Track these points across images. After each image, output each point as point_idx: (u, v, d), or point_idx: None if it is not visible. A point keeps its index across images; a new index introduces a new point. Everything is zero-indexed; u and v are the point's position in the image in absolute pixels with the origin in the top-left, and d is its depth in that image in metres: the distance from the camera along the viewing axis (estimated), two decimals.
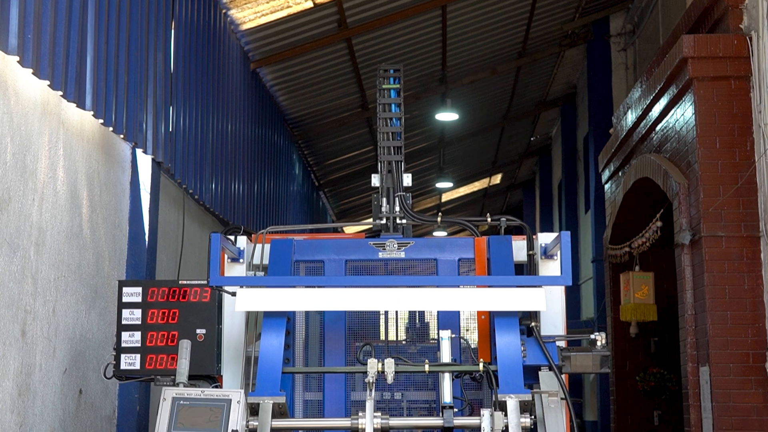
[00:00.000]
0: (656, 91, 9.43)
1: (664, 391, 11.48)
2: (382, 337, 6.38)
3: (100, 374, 7.77)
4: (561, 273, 5.61)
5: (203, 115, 10.63)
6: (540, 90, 20.64)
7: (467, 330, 6.25)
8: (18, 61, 5.90)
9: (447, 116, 17.64)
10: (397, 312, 6.42)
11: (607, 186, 12.67)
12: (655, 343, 11.75)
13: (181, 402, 4.96)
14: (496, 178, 28.20)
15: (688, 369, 8.56)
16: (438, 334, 5.74)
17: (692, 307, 8.56)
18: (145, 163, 8.64)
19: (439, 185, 24.13)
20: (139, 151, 8.48)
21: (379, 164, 6.29)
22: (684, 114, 8.83)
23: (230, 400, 4.97)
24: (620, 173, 11.67)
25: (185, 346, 5.33)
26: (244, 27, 12.47)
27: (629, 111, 10.95)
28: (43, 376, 6.62)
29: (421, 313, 6.65)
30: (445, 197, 27.66)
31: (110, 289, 7.85)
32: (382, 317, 6.35)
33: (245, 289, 5.59)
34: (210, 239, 5.62)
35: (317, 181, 20.54)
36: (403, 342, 6.46)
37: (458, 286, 5.72)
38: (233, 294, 5.72)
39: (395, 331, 6.39)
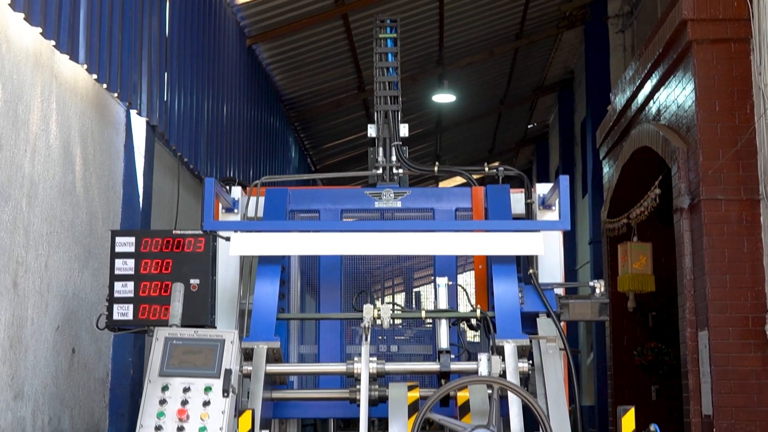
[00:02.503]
0: (655, 57, 9.37)
1: (661, 365, 11.42)
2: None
3: (93, 335, 7.70)
4: (560, 218, 5.54)
5: (198, 88, 10.54)
6: (537, 75, 20.57)
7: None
8: (9, 4, 5.82)
9: (444, 98, 17.56)
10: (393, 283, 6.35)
11: (604, 162, 12.61)
12: (653, 317, 11.69)
13: (174, 342, 4.90)
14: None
15: (687, 334, 8.50)
16: (435, 282, 5.66)
17: (691, 271, 8.50)
18: (139, 126, 8.56)
19: None
20: (133, 114, 8.39)
21: (375, 114, 6.23)
22: (683, 78, 8.77)
23: (224, 340, 4.90)
24: (618, 147, 11.61)
25: (178, 290, 5.27)
26: (240, 1, 12.39)
27: (627, 86, 10.89)
28: (35, 330, 6.54)
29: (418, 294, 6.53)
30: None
31: (104, 250, 7.75)
32: (378, 272, 6.27)
33: (240, 234, 5.52)
34: (204, 183, 5.55)
35: (313, 166, 20.45)
36: (400, 326, 6.37)
37: (455, 231, 5.64)
38: (227, 239, 5.65)
39: (392, 289, 6.31)
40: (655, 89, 9.70)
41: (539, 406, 4.56)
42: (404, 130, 6.21)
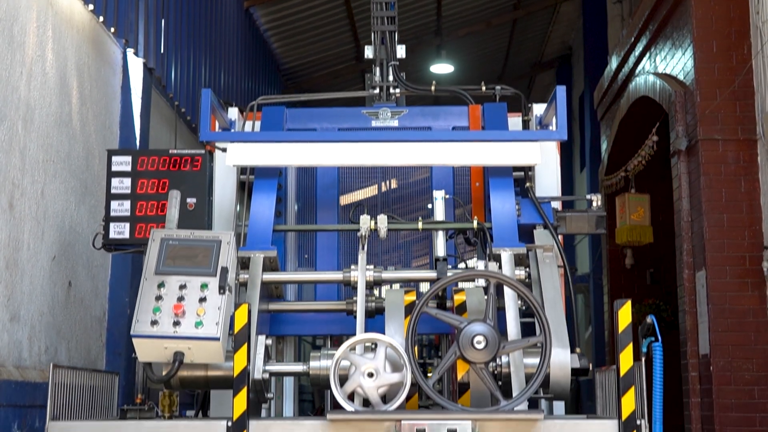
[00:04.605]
0: (653, 3, 9.35)
1: (659, 322, 11.38)
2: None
3: (90, 272, 7.69)
4: (557, 128, 5.53)
5: (195, 45, 10.50)
6: (535, 50, 20.52)
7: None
8: None
9: (442, 68, 17.53)
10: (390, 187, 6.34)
11: (602, 123, 12.60)
12: (650, 274, 11.67)
13: (170, 242, 4.87)
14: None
15: (684, 276, 8.50)
16: (432, 195, 5.65)
17: (688, 213, 8.49)
18: (136, 69, 8.54)
19: None
20: (130, 56, 8.38)
21: (372, 35, 6.21)
22: (680, 22, 8.76)
23: (220, 241, 4.87)
24: (616, 105, 11.60)
25: (175, 196, 5.24)
26: None
27: (625, 41, 10.88)
28: (32, 256, 6.52)
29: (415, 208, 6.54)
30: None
31: (100, 188, 7.70)
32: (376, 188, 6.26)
33: (236, 144, 5.51)
34: (201, 94, 5.53)
35: None
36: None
37: (452, 141, 5.62)
38: (224, 150, 5.63)
39: (389, 204, 6.29)
40: (653, 39, 9.70)
41: (534, 298, 4.55)
42: (401, 51, 6.19)
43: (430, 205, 5.97)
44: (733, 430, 7.87)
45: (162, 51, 9.16)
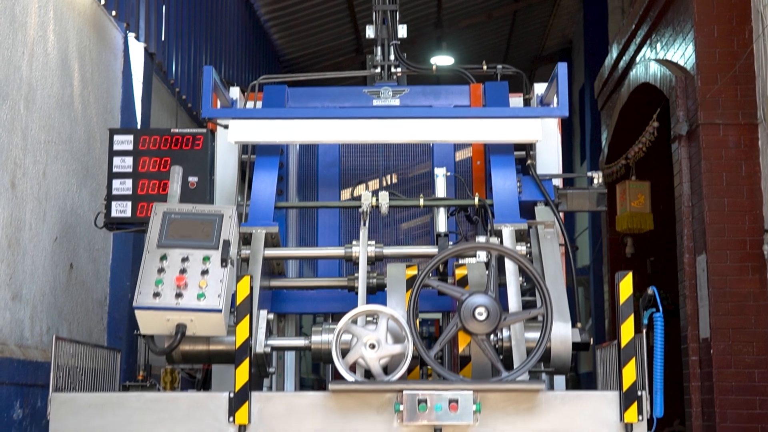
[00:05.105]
0: None
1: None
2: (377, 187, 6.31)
3: (91, 255, 7.70)
4: (557, 105, 5.53)
5: (196, 34, 10.51)
6: (536, 43, 20.53)
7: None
8: None
9: (443, 60, 17.52)
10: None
11: (602, 113, 12.61)
12: (651, 263, 11.68)
13: (173, 216, 4.88)
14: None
15: (685, 260, 8.51)
16: (433, 172, 5.66)
17: (689, 198, 8.50)
18: (137, 54, 8.55)
19: None
20: (131, 40, 8.39)
21: (373, 14, 6.22)
22: (680, 7, 8.76)
23: (222, 215, 4.88)
24: (616, 93, 11.60)
25: (177, 171, 5.25)
26: None
27: (625, 29, 10.88)
28: (33, 236, 6.53)
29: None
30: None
31: (101, 171, 7.73)
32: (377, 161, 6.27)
33: (238, 121, 5.52)
34: (203, 72, 5.54)
35: None
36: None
37: (453, 118, 5.63)
38: (226, 126, 5.64)
39: (390, 180, 6.30)
40: (653, 26, 9.70)
41: (534, 269, 4.56)
42: (402, 30, 6.20)
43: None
44: (734, 413, 7.88)
45: (163, 39, 9.17)
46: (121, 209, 6.00)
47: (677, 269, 9.11)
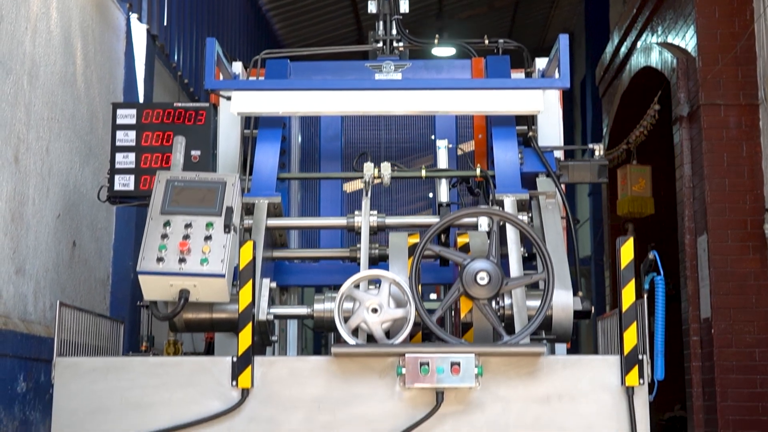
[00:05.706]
0: None
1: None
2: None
3: (94, 234, 7.72)
4: (559, 76, 5.55)
5: (197, 21, 10.52)
6: (537, 35, 20.56)
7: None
8: None
9: (443, 51, 17.52)
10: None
11: (603, 100, 12.63)
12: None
13: (176, 183, 4.91)
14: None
15: (686, 241, 8.53)
16: (435, 144, 5.68)
17: (690, 179, 8.52)
18: (140, 36, 8.57)
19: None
20: (134, 22, 8.41)
21: None
22: None
23: (225, 182, 4.91)
24: (617, 79, 11.63)
25: (180, 141, 5.28)
26: None
27: (627, 15, 10.91)
28: (36, 211, 6.56)
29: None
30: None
31: (104, 151, 7.77)
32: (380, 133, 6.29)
33: (241, 92, 5.54)
34: (206, 43, 5.56)
35: None
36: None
37: (455, 89, 5.64)
38: (228, 98, 5.66)
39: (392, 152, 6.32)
40: (654, 10, 9.73)
41: (536, 234, 4.58)
42: (404, 5, 6.22)
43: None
44: (734, 392, 7.91)
45: (165, 23, 9.19)
46: (125, 183, 6.03)
47: (678, 255, 9.13)
